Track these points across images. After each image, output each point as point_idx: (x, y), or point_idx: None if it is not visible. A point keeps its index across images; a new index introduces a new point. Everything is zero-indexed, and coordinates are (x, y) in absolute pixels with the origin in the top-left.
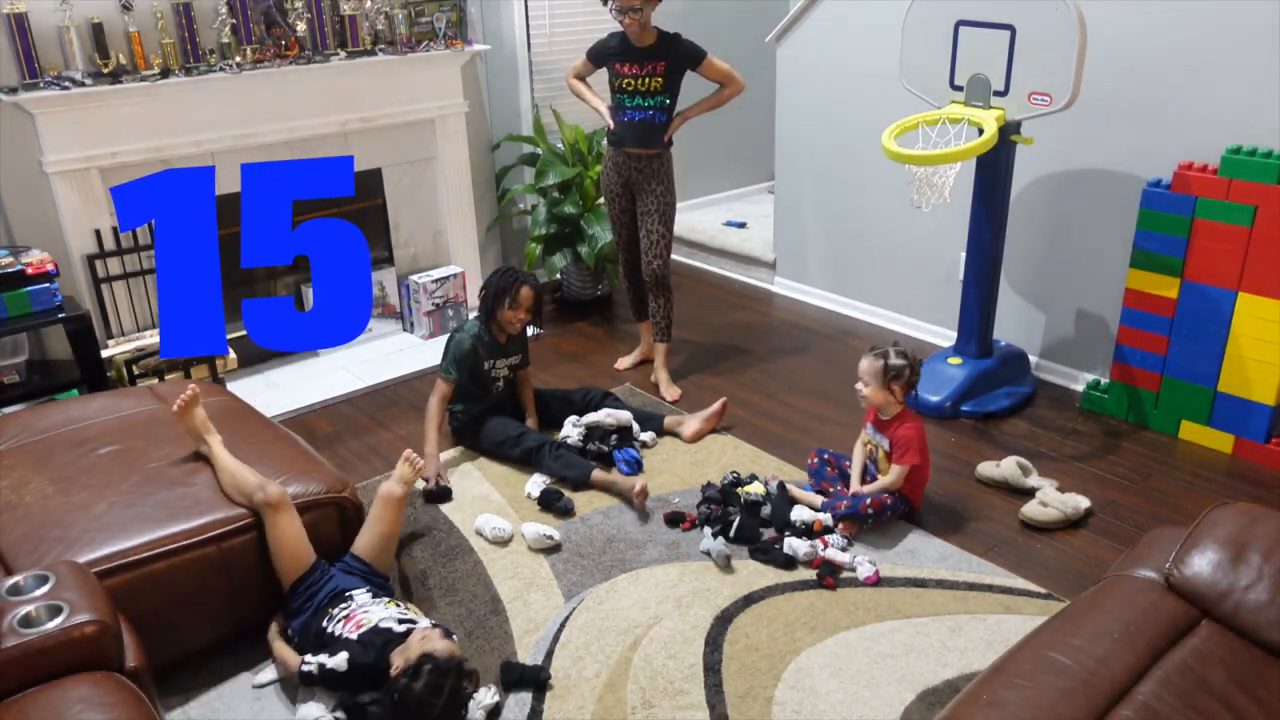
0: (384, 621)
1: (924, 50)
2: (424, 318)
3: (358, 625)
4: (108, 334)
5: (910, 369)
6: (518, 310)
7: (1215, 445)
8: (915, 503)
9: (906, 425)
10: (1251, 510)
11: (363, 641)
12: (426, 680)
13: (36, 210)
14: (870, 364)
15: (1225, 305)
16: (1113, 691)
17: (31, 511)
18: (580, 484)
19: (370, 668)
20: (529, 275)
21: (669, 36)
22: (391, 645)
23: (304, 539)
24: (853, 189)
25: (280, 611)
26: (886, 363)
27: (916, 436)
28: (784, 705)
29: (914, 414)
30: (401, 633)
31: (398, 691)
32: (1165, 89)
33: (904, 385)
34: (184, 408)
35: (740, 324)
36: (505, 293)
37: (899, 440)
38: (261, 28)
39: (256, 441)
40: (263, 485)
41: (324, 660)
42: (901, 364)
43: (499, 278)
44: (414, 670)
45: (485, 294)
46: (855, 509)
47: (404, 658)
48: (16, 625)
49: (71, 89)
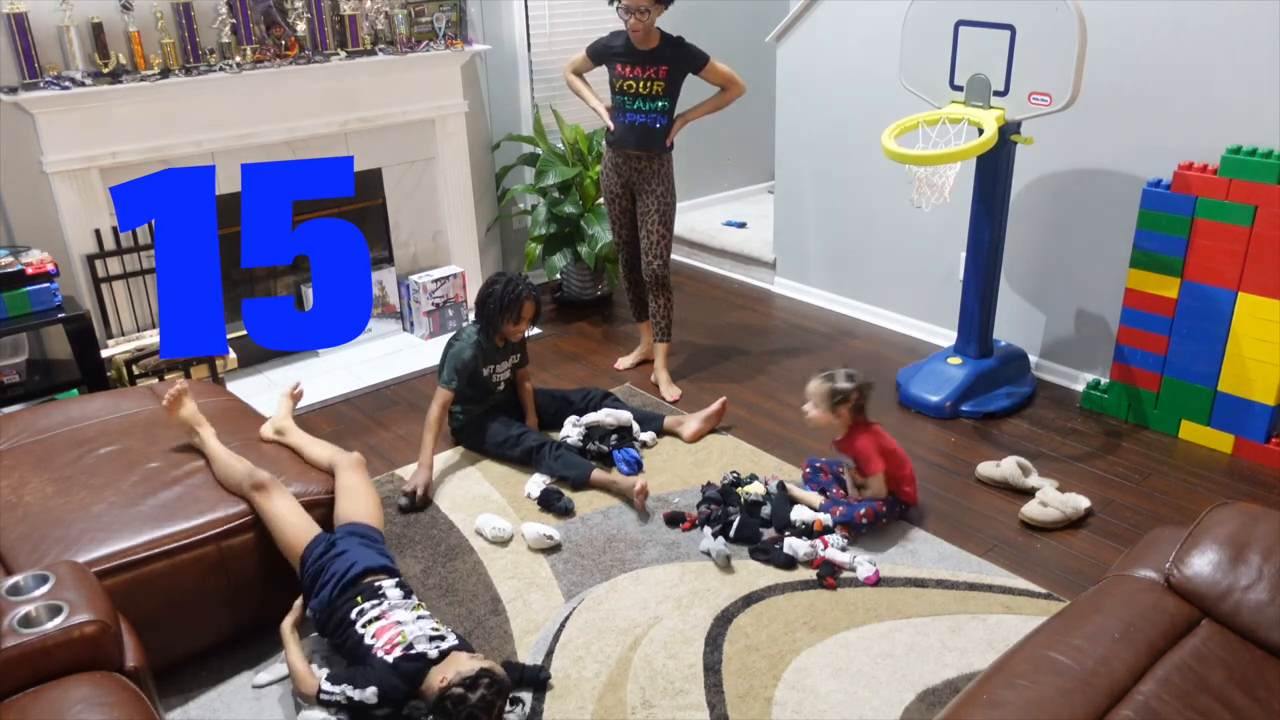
0: (419, 643)
1: (924, 50)
2: (424, 318)
3: (392, 644)
4: (108, 334)
5: (858, 392)
6: (519, 324)
7: (1215, 445)
8: (910, 500)
9: (859, 439)
10: (1251, 510)
11: (399, 669)
12: (483, 694)
13: (36, 210)
14: (817, 386)
15: (1225, 305)
16: (1113, 691)
17: (31, 511)
18: (580, 484)
19: (400, 700)
20: (529, 285)
21: (672, 40)
22: (424, 673)
23: (303, 516)
24: (853, 189)
25: (297, 601)
26: (833, 386)
27: (872, 445)
28: (784, 705)
29: (865, 424)
30: (436, 658)
31: (450, 700)
32: (1165, 89)
33: (850, 409)
34: (174, 401)
35: (740, 324)
36: (508, 309)
37: (858, 455)
38: (261, 28)
39: (256, 441)
40: (251, 472)
41: (350, 692)
42: (848, 388)
43: (501, 290)
44: (471, 682)
45: (487, 306)
46: (850, 518)
47: (442, 676)
48: (16, 625)
49: (71, 89)
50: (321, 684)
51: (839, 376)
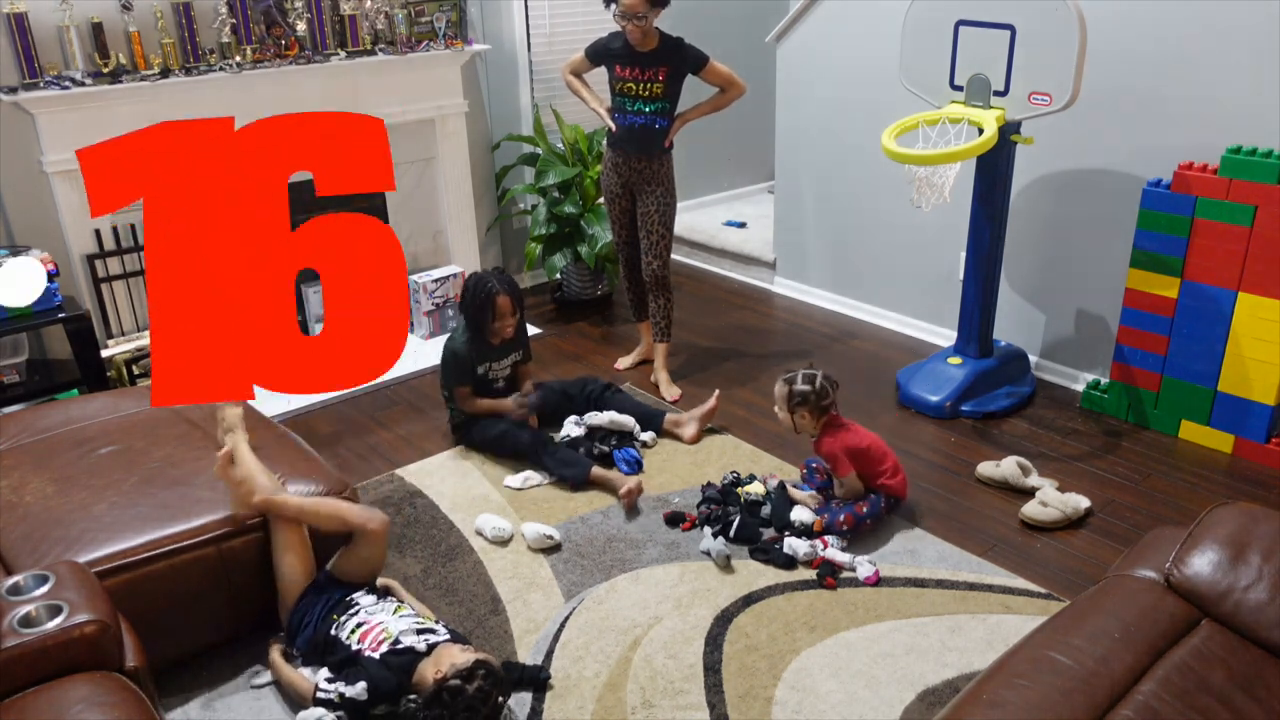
0: (405, 636)
1: (924, 50)
2: (424, 318)
3: (378, 641)
4: (108, 334)
5: (817, 394)
6: (502, 320)
7: (1215, 445)
8: (899, 495)
9: (824, 441)
10: (1251, 510)
11: (387, 663)
12: (479, 685)
13: (36, 210)
14: (778, 389)
15: (1225, 305)
16: (1113, 691)
17: (31, 511)
18: (580, 483)
19: (392, 693)
20: (501, 280)
21: (672, 42)
22: (414, 665)
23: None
24: (853, 189)
25: (278, 636)
26: (791, 389)
27: (838, 447)
28: (784, 705)
29: (834, 424)
30: (424, 650)
31: (448, 692)
32: (1165, 89)
33: (810, 410)
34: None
35: (740, 324)
36: (484, 309)
37: (826, 458)
38: (261, 28)
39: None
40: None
41: (342, 689)
42: (805, 389)
43: (472, 291)
44: (468, 674)
45: (465, 310)
46: (831, 525)
47: (436, 669)
48: (16, 625)
49: (71, 89)
50: (319, 683)
51: (798, 379)
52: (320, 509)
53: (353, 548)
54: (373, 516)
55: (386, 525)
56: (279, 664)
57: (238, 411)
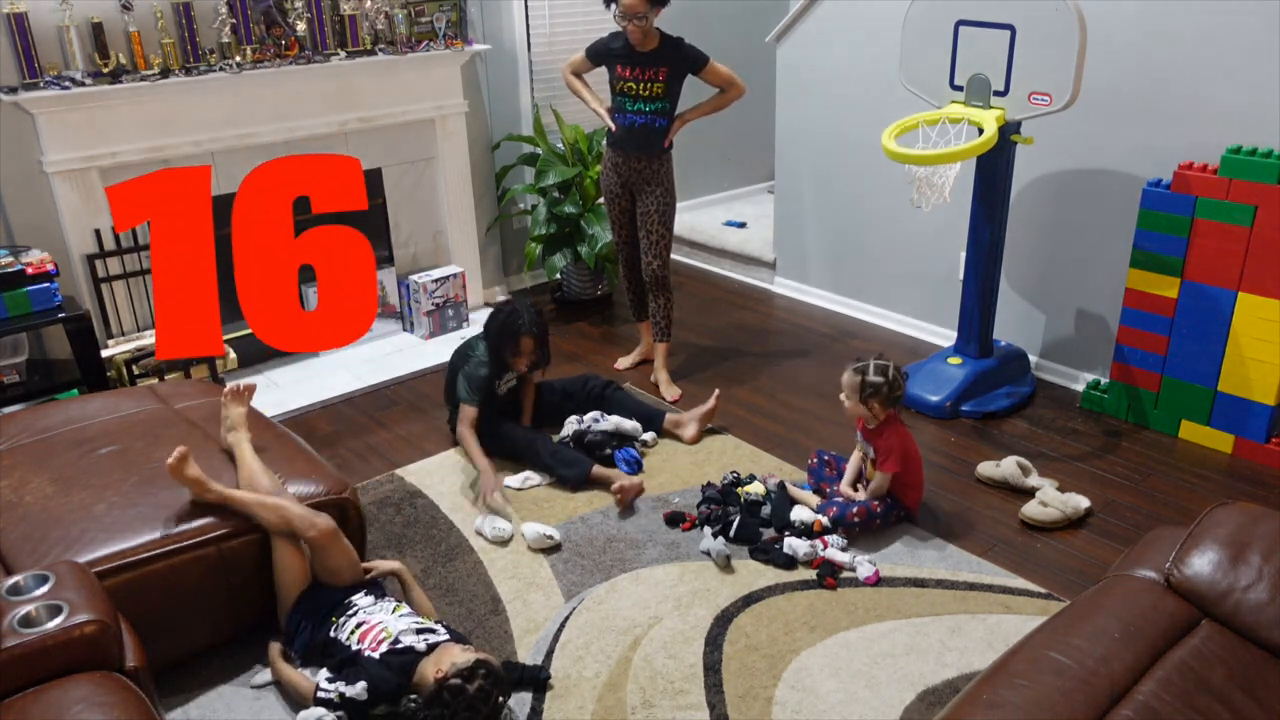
0: (405, 635)
1: (924, 50)
2: (424, 318)
3: (378, 641)
4: (108, 334)
5: (889, 385)
6: (520, 358)
7: (1215, 445)
8: (912, 509)
9: (889, 434)
10: (1251, 510)
11: (387, 663)
12: (480, 685)
13: (36, 210)
14: (849, 379)
15: (1225, 305)
16: (1113, 691)
17: (31, 511)
18: (580, 483)
19: (392, 693)
20: (532, 319)
21: (672, 41)
22: (414, 665)
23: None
24: (853, 189)
25: (277, 638)
26: (864, 379)
27: (899, 445)
28: (784, 705)
29: (900, 422)
30: (424, 650)
31: (448, 691)
32: (1165, 89)
33: (882, 401)
34: (234, 395)
35: (740, 324)
36: (506, 344)
37: (881, 448)
38: (261, 28)
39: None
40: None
41: (343, 689)
42: (879, 381)
43: (501, 324)
44: (468, 673)
45: (489, 336)
46: (842, 516)
47: (436, 668)
48: (16, 625)
49: (71, 89)
50: (319, 683)
51: (870, 369)
52: (266, 510)
53: (313, 556)
54: (313, 524)
55: (327, 532)
56: (279, 664)
57: (241, 411)
